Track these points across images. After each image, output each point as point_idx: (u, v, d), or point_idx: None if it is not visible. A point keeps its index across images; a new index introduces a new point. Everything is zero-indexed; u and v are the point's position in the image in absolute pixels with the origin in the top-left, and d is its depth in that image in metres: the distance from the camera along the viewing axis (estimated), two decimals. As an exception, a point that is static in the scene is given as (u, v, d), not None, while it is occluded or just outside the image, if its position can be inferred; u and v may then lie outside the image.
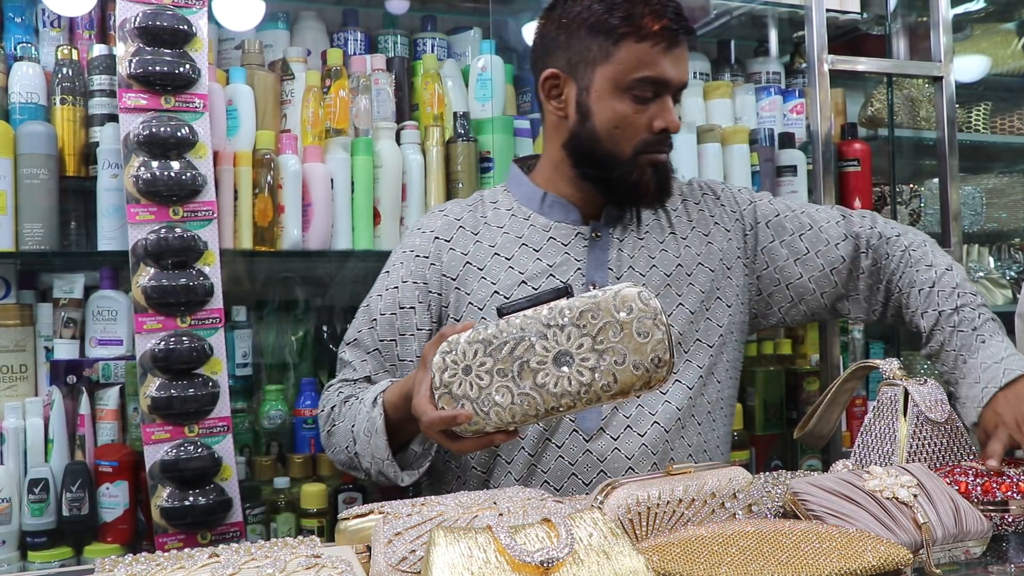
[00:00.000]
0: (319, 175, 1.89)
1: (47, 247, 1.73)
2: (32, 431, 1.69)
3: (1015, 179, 3.04)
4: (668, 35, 1.30)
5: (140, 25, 1.68)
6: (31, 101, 1.77)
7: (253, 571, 0.79)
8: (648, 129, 1.34)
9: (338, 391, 1.42)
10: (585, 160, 1.38)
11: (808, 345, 2.40)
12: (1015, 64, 2.98)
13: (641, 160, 1.35)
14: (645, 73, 1.31)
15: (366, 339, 1.45)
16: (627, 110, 1.33)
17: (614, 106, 1.33)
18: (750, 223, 1.50)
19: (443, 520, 0.90)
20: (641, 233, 1.43)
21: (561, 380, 1.01)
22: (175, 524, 1.63)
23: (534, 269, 1.39)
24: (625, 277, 1.39)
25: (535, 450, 1.36)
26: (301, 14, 2.14)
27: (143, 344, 1.65)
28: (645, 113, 1.33)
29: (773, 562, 0.85)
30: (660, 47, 1.30)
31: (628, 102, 1.33)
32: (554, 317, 1.02)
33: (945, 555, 1.01)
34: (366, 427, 1.27)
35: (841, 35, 2.54)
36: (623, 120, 1.33)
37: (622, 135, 1.34)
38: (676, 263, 1.43)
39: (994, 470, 1.18)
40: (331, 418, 1.39)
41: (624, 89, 1.32)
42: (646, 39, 1.30)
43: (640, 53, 1.31)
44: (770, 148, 2.25)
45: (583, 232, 1.42)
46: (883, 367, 1.33)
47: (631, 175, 1.35)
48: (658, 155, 1.36)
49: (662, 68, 1.31)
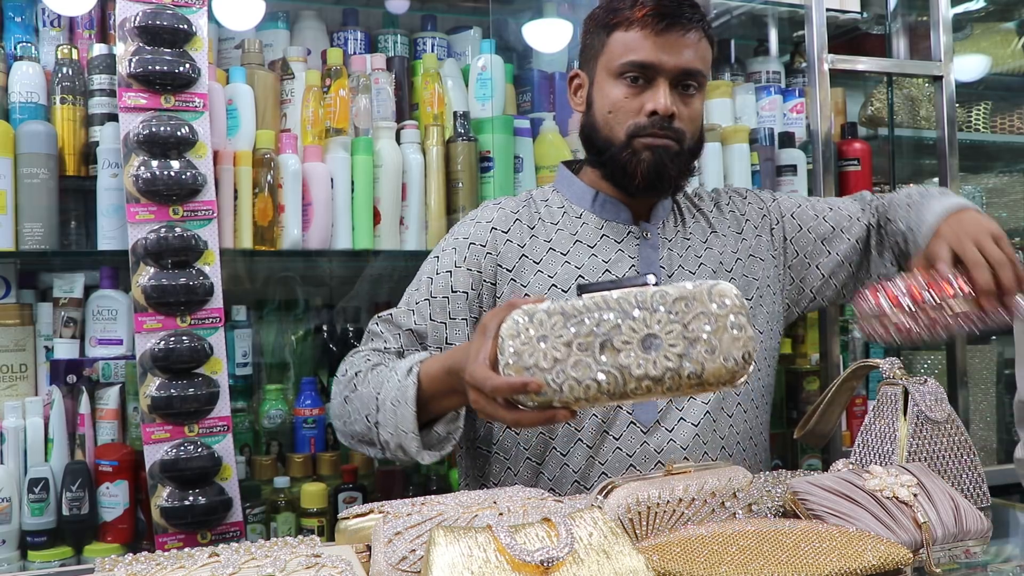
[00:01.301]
0: (319, 175, 1.89)
1: (47, 247, 1.73)
2: (32, 430, 1.69)
3: (1015, 179, 3.04)
4: (652, 20, 1.35)
5: (140, 24, 1.68)
6: (31, 100, 1.77)
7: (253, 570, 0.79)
8: (640, 112, 1.38)
9: (366, 358, 1.38)
10: (589, 147, 1.45)
11: (808, 345, 2.40)
12: (1015, 63, 2.98)
13: (635, 144, 1.38)
14: (631, 58, 1.37)
15: (402, 318, 1.43)
16: (619, 95, 1.39)
17: (608, 92, 1.40)
18: (776, 218, 1.58)
19: (443, 519, 0.90)
20: (687, 233, 1.50)
21: (646, 363, 0.99)
22: (175, 524, 1.63)
23: (590, 265, 1.44)
24: (676, 275, 1.45)
25: (593, 442, 1.38)
26: (301, 13, 2.14)
27: (143, 344, 1.65)
28: (637, 98, 1.38)
29: (773, 561, 0.85)
30: (645, 32, 1.36)
31: (621, 87, 1.39)
32: (645, 300, 0.99)
33: (945, 554, 1.01)
34: (395, 396, 1.24)
35: (841, 34, 2.53)
36: (615, 105, 1.39)
37: (615, 119, 1.39)
38: (719, 260, 1.50)
39: (923, 273, 1.24)
40: (353, 383, 1.35)
41: (616, 75, 1.39)
42: (632, 26, 1.37)
43: (627, 40, 1.37)
44: (770, 147, 2.25)
45: (634, 231, 1.47)
46: (883, 366, 1.33)
47: (621, 157, 1.39)
48: (653, 139, 1.38)
49: (648, 52, 1.36)
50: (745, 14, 2.41)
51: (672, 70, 1.37)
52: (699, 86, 1.41)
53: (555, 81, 2.18)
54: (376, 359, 1.37)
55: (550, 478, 1.40)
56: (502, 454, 1.44)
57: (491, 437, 1.45)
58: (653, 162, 1.38)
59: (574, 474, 1.39)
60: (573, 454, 1.39)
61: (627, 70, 1.37)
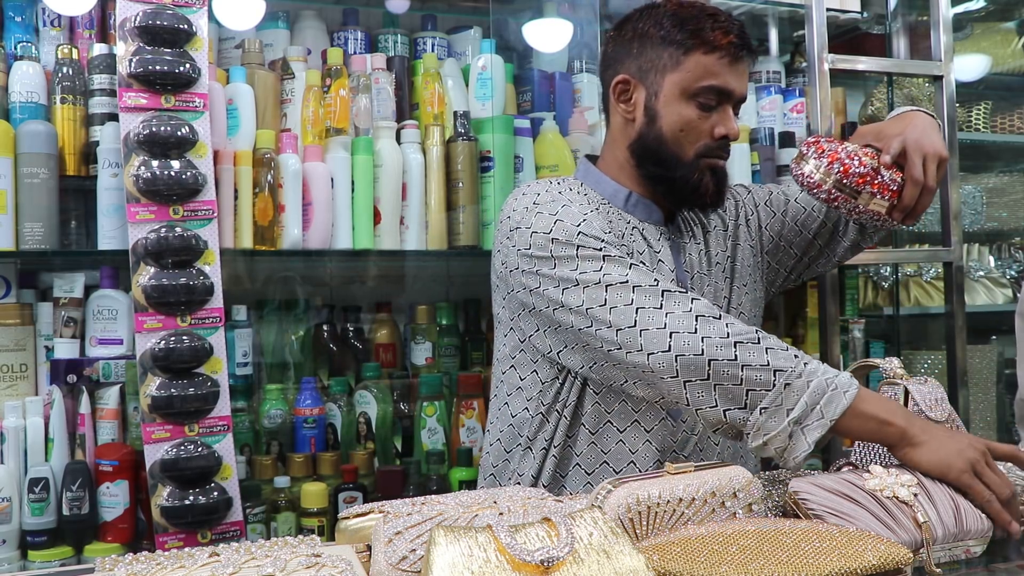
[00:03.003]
0: (319, 174, 1.89)
1: (47, 246, 1.73)
2: (32, 430, 1.69)
3: (1015, 178, 3.05)
4: (733, 49, 1.41)
5: (140, 24, 1.68)
6: (31, 100, 1.77)
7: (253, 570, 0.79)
8: (710, 135, 1.43)
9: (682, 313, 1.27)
10: (651, 160, 1.46)
11: (808, 345, 2.40)
12: (1015, 63, 2.99)
13: (701, 164, 1.44)
14: (711, 82, 1.41)
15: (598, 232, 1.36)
16: (692, 115, 1.42)
17: (681, 111, 1.42)
18: (751, 208, 1.63)
19: (443, 519, 0.90)
20: (698, 236, 1.54)
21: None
22: (175, 523, 1.63)
23: (646, 252, 1.46)
24: (696, 277, 1.49)
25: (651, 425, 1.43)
26: (301, 13, 2.14)
27: (143, 343, 1.65)
28: (708, 120, 1.43)
29: (773, 561, 0.85)
30: (725, 60, 1.41)
31: (694, 108, 1.42)
32: None
33: (945, 554, 1.01)
34: (837, 381, 1.19)
35: (841, 34, 2.54)
36: (688, 124, 1.42)
37: (686, 138, 1.43)
38: (728, 257, 1.55)
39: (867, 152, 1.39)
40: (755, 335, 1.25)
41: (691, 96, 1.42)
42: (714, 51, 1.41)
43: (707, 63, 1.41)
44: (770, 147, 2.25)
45: (665, 232, 1.50)
46: (883, 366, 1.33)
47: (692, 177, 1.44)
48: (717, 160, 1.45)
49: (726, 79, 1.41)
50: (745, 14, 2.41)
51: (739, 97, 1.44)
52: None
53: (555, 81, 2.18)
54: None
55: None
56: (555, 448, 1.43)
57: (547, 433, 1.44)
58: (715, 181, 1.45)
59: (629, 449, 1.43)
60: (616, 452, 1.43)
61: (704, 93, 1.41)
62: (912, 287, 2.70)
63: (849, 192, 1.37)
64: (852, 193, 1.37)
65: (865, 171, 1.37)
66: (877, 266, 2.66)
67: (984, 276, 2.82)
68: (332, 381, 2.05)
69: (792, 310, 2.49)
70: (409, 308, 2.23)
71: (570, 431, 1.43)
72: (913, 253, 2.52)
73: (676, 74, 1.42)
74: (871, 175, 1.37)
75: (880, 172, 1.37)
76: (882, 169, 1.37)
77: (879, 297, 2.69)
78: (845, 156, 1.37)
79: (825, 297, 2.16)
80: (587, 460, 1.43)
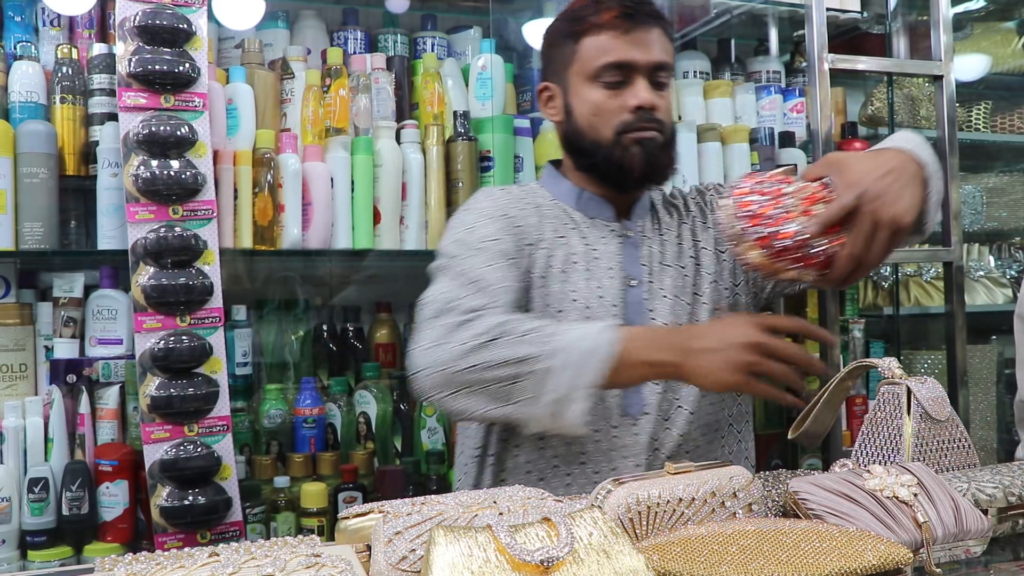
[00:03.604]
0: (319, 174, 1.89)
1: (47, 246, 1.73)
2: (32, 430, 1.69)
3: (1015, 178, 3.05)
4: (621, 21, 1.39)
5: (140, 24, 1.68)
6: (31, 100, 1.77)
7: (253, 570, 0.79)
8: (624, 110, 1.41)
9: (494, 309, 1.29)
10: (578, 153, 1.47)
11: (808, 344, 2.40)
12: (1015, 63, 2.99)
13: (624, 140, 1.41)
14: (606, 60, 1.40)
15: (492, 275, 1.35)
16: (600, 97, 1.41)
17: (588, 97, 1.42)
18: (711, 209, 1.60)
19: (443, 519, 0.90)
20: (663, 231, 1.52)
21: None
22: (175, 523, 1.63)
23: (584, 253, 1.44)
24: (656, 272, 1.46)
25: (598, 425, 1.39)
26: (301, 13, 2.14)
27: (143, 343, 1.65)
28: (619, 97, 1.41)
29: (773, 561, 0.85)
30: (617, 33, 1.39)
31: (600, 89, 1.41)
32: None
33: (945, 554, 1.01)
34: (586, 345, 1.19)
35: (841, 34, 2.53)
36: (598, 107, 1.41)
37: (601, 121, 1.42)
38: (690, 256, 1.51)
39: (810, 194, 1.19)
40: (499, 329, 1.23)
41: (593, 79, 1.41)
42: (602, 30, 1.40)
43: (599, 43, 1.40)
44: (770, 147, 2.25)
45: (616, 229, 1.49)
46: (882, 366, 1.33)
47: (614, 155, 1.42)
48: (641, 133, 1.41)
49: (622, 51, 1.39)
50: (745, 14, 2.41)
51: (647, 65, 1.40)
52: (669, 78, 1.46)
53: (555, 81, 2.18)
54: (517, 314, 1.30)
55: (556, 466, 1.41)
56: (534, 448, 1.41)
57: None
58: (644, 154, 1.41)
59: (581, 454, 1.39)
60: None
61: (605, 72, 1.40)
62: (912, 287, 2.70)
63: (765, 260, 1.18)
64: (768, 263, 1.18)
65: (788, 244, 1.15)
66: (877, 266, 2.66)
67: (984, 276, 2.82)
68: (332, 381, 2.05)
69: (792, 310, 2.49)
70: (409, 308, 2.22)
71: (512, 440, 1.41)
72: (913, 253, 2.52)
73: (575, 64, 1.43)
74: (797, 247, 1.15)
75: (808, 244, 1.15)
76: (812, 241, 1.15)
77: (879, 297, 2.69)
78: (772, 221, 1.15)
79: (825, 297, 2.16)
80: (538, 467, 1.40)
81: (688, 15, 2.44)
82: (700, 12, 2.41)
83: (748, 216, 1.16)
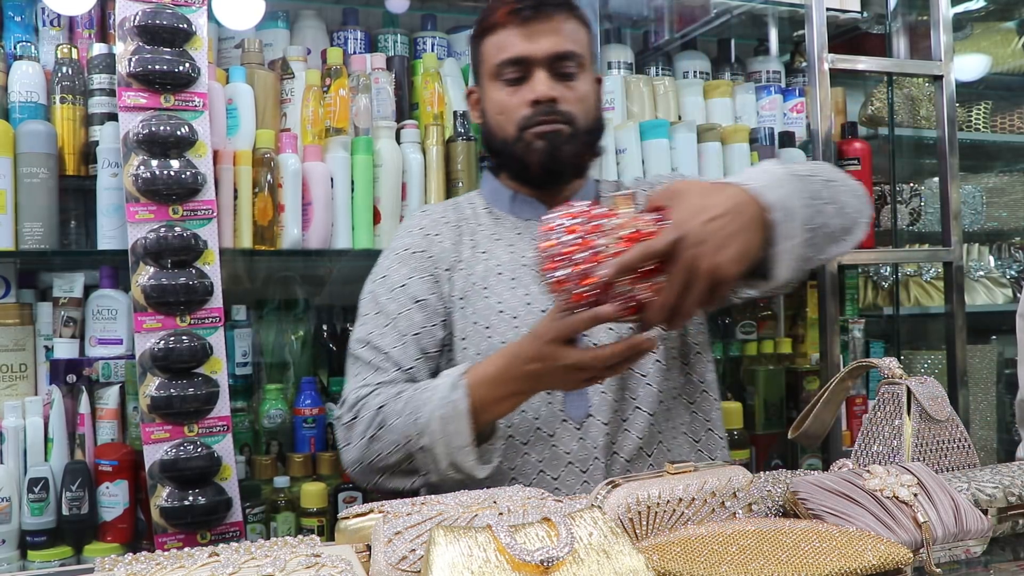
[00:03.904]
0: (319, 174, 1.89)
1: (47, 246, 1.73)
2: (32, 430, 1.69)
3: (1015, 178, 3.05)
4: (516, 16, 1.38)
5: (140, 24, 1.68)
6: (31, 100, 1.77)
7: (253, 570, 0.79)
8: (524, 105, 1.39)
9: (376, 393, 1.33)
10: (493, 154, 1.48)
11: (808, 344, 2.40)
12: (1015, 63, 2.99)
13: (526, 136, 1.39)
14: (503, 56, 1.39)
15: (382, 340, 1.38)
16: (502, 95, 1.41)
17: (493, 96, 1.43)
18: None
19: (443, 519, 0.90)
20: None
21: None
22: (175, 523, 1.63)
23: (509, 262, 1.43)
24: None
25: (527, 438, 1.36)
26: (301, 13, 2.14)
27: (143, 343, 1.65)
28: (519, 93, 1.40)
29: (773, 561, 0.85)
30: (513, 29, 1.38)
31: (501, 87, 1.41)
32: None
33: (945, 554, 1.01)
34: (443, 413, 1.21)
35: (841, 34, 2.54)
36: (501, 105, 1.41)
37: (505, 119, 1.41)
38: None
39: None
40: (378, 419, 1.29)
41: (495, 77, 1.41)
42: (498, 28, 1.40)
43: (497, 41, 1.41)
44: (770, 147, 2.25)
45: None
46: (882, 366, 1.33)
47: (518, 152, 1.41)
48: (541, 127, 1.38)
49: (517, 46, 1.38)
50: (745, 14, 2.41)
51: (544, 57, 1.38)
52: (580, 67, 1.41)
53: (555, 81, 2.18)
54: (392, 389, 1.32)
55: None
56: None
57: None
58: (546, 148, 1.38)
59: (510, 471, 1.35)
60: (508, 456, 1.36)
61: (503, 69, 1.40)
62: (912, 287, 2.70)
63: (567, 305, 1.07)
64: (570, 307, 1.07)
65: (585, 292, 1.04)
66: (877, 266, 2.66)
67: (984, 276, 2.82)
68: (332, 381, 2.05)
69: (792, 310, 2.49)
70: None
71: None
72: (913, 253, 2.52)
73: (482, 66, 1.44)
74: (597, 293, 1.04)
75: (612, 287, 1.04)
76: (616, 286, 1.04)
77: (879, 297, 2.69)
78: (573, 264, 1.03)
79: (825, 297, 2.17)
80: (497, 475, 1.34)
81: (688, 15, 2.44)
82: (700, 12, 2.41)
83: (548, 258, 1.04)
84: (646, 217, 1.07)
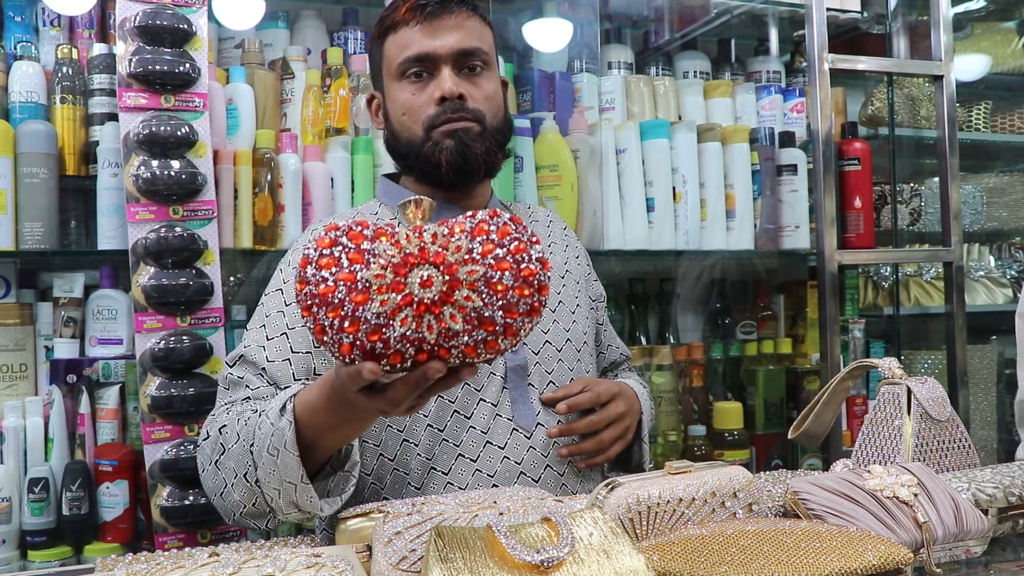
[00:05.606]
0: (319, 174, 1.89)
1: (47, 246, 1.73)
2: (32, 430, 1.69)
3: (1015, 178, 3.05)
4: (416, 14, 1.34)
5: (140, 24, 1.68)
6: (31, 100, 1.77)
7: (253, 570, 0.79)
8: (430, 103, 1.34)
9: (227, 409, 1.20)
10: (398, 158, 1.42)
11: (808, 344, 2.40)
12: (1015, 63, 2.99)
13: (434, 134, 1.34)
14: (405, 55, 1.35)
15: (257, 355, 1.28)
16: (406, 95, 1.36)
17: (396, 97, 1.37)
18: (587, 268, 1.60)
19: (443, 519, 0.90)
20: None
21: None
22: (175, 523, 1.63)
23: None
24: None
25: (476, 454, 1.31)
26: (301, 13, 2.14)
27: (143, 343, 1.65)
28: (424, 91, 1.35)
29: (773, 561, 0.85)
30: (415, 27, 1.34)
31: (406, 87, 1.36)
32: None
33: (945, 554, 1.01)
34: (271, 443, 1.05)
35: (841, 34, 2.54)
36: (405, 105, 1.36)
37: (410, 119, 1.36)
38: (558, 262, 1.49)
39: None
40: (220, 443, 1.15)
41: (399, 77, 1.36)
42: (399, 27, 1.36)
43: (398, 41, 1.36)
44: (770, 147, 2.25)
45: None
46: (882, 366, 1.33)
47: (426, 151, 1.35)
48: (450, 124, 1.34)
49: (420, 44, 1.34)
50: (745, 14, 2.41)
51: (449, 54, 1.33)
52: (485, 65, 1.37)
53: (555, 81, 2.18)
54: (241, 408, 1.19)
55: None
56: (378, 483, 1.31)
57: (366, 467, 1.31)
58: (456, 146, 1.33)
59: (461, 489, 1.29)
60: (456, 471, 1.30)
61: (407, 68, 1.35)
62: (912, 287, 2.70)
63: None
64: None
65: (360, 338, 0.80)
66: (877, 266, 2.66)
67: (984, 276, 2.82)
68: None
69: (792, 310, 2.50)
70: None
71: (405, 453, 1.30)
72: (913, 253, 2.52)
73: (384, 68, 1.39)
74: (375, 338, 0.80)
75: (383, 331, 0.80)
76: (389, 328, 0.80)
77: (879, 297, 2.69)
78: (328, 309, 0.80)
79: (825, 297, 2.17)
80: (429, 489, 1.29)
81: (688, 15, 2.44)
82: (700, 12, 2.41)
83: (302, 301, 0.81)
84: (433, 230, 0.83)
